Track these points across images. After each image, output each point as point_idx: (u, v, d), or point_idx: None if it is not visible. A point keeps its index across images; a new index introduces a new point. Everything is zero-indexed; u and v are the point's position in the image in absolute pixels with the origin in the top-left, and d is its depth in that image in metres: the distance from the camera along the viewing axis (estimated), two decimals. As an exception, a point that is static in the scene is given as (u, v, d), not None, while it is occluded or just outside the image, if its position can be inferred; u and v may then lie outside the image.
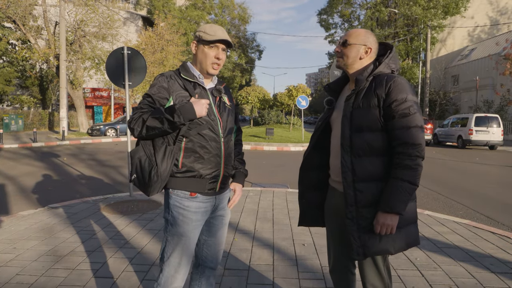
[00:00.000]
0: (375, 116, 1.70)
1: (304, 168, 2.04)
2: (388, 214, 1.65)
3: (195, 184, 1.80)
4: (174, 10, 37.73)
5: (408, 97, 1.67)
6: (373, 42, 1.83)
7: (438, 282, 2.89)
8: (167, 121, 1.65)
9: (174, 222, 1.81)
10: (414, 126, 1.65)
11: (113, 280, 2.87)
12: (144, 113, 1.71)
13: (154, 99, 1.76)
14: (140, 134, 1.72)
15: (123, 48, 5.69)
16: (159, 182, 1.71)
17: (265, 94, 30.71)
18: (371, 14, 33.60)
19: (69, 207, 5.11)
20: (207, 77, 1.90)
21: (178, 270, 1.84)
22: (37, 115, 27.56)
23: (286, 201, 5.68)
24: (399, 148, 1.66)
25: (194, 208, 1.81)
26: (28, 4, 19.96)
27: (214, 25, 1.86)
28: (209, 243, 1.96)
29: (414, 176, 1.63)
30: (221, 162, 1.83)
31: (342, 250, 1.98)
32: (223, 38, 1.80)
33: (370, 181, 1.70)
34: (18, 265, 3.12)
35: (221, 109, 1.88)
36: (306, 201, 2.06)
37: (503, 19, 36.94)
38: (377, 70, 1.77)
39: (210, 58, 1.82)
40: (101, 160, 11.05)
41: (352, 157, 1.72)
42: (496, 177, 8.96)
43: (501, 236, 4.07)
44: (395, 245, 1.71)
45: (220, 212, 1.96)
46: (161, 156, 1.71)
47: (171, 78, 1.82)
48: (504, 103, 25.76)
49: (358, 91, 1.76)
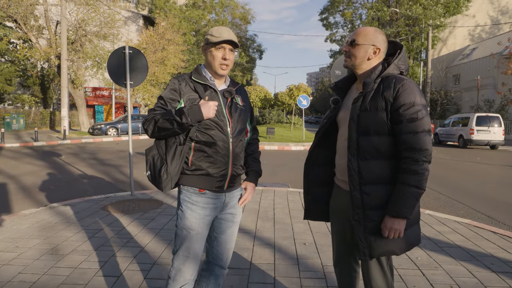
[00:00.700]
0: (382, 120, 1.68)
1: (309, 163, 2.04)
2: (395, 219, 1.66)
3: (204, 182, 1.87)
4: (175, 9, 37.72)
5: (417, 101, 1.65)
6: (382, 41, 1.79)
7: (439, 282, 2.89)
8: (176, 122, 1.74)
9: (183, 216, 1.89)
10: (422, 131, 1.64)
11: (115, 278, 2.88)
12: (156, 114, 1.80)
13: (166, 101, 1.86)
14: (153, 135, 1.82)
15: (124, 47, 5.70)
16: (169, 179, 1.80)
17: (266, 93, 30.71)
18: (373, 13, 33.55)
19: (71, 206, 5.13)
20: (219, 78, 1.96)
21: (186, 264, 1.90)
22: (38, 114, 27.62)
23: (287, 200, 5.68)
24: (406, 153, 1.64)
25: (202, 203, 1.89)
26: (29, 3, 20.00)
27: (221, 27, 1.91)
28: (219, 240, 2.01)
29: (420, 181, 1.63)
30: (229, 162, 1.89)
31: (345, 247, 1.99)
32: (228, 38, 1.85)
33: (377, 184, 1.70)
34: (20, 263, 3.14)
35: (232, 110, 1.93)
36: (312, 197, 2.07)
37: (504, 19, 36.87)
38: (386, 72, 1.74)
39: (218, 59, 1.88)
40: (102, 159, 11.07)
41: (359, 160, 1.72)
42: (497, 177, 8.96)
43: (502, 236, 4.07)
44: (401, 246, 1.72)
45: (231, 210, 2.00)
46: (171, 155, 1.81)
47: (183, 81, 1.90)
48: (505, 103, 25.73)
49: (365, 93, 1.74)
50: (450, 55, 36.49)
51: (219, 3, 43.83)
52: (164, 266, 3.14)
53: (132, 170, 5.94)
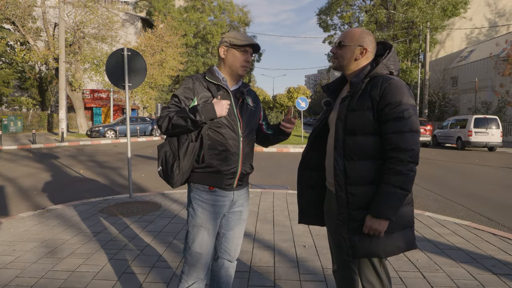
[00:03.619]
0: (368, 119, 1.66)
1: (303, 167, 2.04)
2: (376, 219, 1.63)
3: (214, 179, 1.92)
4: (174, 12, 37.75)
5: (403, 100, 1.62)
6: (369, 42, 1.79)
7: (439, 284, 2.88)
8: (190, 119, 1.79)
9: (194, 214, 1.95)
10: (408, 131, 1.61)
11: (113, 282, 2.85)
12: (171, 112, 1.86)
13: (180, 99, 1.91)
14: (167, 131, 1.86)
15: (123, 49, 5.69)
16: (180, 175, 1.86)
17: (265, 95, 30.75)
18: (370, 16, 33.66)
19: (69, 208, 5.09)
20: (232, 79, 2.03)
21: (200, 260, 1.95)
22: (36, 117, 27.52)
23: (286, 202, 5.67)
24: (392, 152, 1.62)
25: (212, 201, 1.94)
26: (27, 5, 19.96)
27: (241, 32, 2.03)
28: (227, 237, 2.07)
29: (405, 182, 1.60)
30: (239, 160, 1.94)
31: (340, 251, 1.97)
32: (253, 42, 1.96)
33: (362, 184, 1.69)
34: (17, 267, 3.11)
35: (243, 110, 2.00)
36: (305, 200, 2.06)
37: (502, 21, 37.05)
38: (374, 72, 1.73)
39: (241, 61, 1.96)
40: (100, 162, 11.02)
41: (345, 160, 1.71)
42: (496, 178, 8.96)
43: (502, 238, 4.06)
44: (386, 249, 1.69)
45: (238, 208, 2.06)
46: (183, 151, 1.86)
47: (197, 80, 1.96)
48: (503, 105, 25.81)
49: (353, 93, 1.74)
50: (448, 57, 36.62)
51: (218, 6, 43.91)
52: (163, 269, 3.11)
53: (131, 172, 5.92)
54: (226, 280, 2.12)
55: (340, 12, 38.82)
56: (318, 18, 40.82)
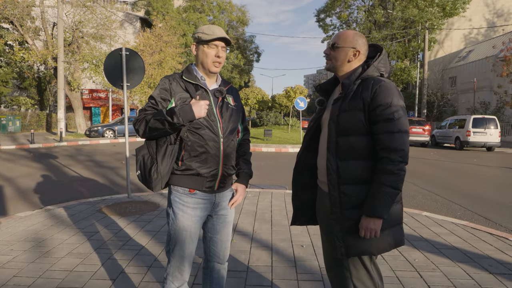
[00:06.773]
0: (360, 120, 1.70)
1: (298, 168, 2.05)
2: (371, 219, 1.67)
3: (194, 182, 1.87)
4: (173, 11, 37.71)
5: (394, 102, 1.66)
6: (362, 44, 1.82)
7: (436, 283, 2.89)
8: (167, 122, 1.73)
9: (175, 217, 1.90)
10: (398, 131, 1.65)
11: (111, 281, 2.86)
12: (148, 114, 1.80)
13: (157, 101, 1.84)
14: (144, 135, 1.82)
15: (121, 49, 5.68)
16: (159, 179, 1.80)
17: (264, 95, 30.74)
18: (369, 15, 33.66)
19: (67, 208, 5.09)
20: (211, 77, 1.95)
21: (183, 262, 1.93)
22: (34, 116, 27.49)
23: (284, 202, 5.67)
24: (382, 153, 1.66)
25: (193, 204, 1.89)
26: (26, 5, 19.92)
27: (212, 25, 1.91)
28: (215, 240, 2.04)
29: (396, 181, 1.64)
30: (220, 162, 1.88)
31: (333, 249, 1.98)
32: (221, 36, 1.85)
33: (355, 184, 1.72)
34: (15, 266, 3.10)
35: (223, 109, 1.92)
36: (300, 201, 2.07)
37: (500, 21, 37.12)
38: (365, 73, 1.77)
39: (211, 57, 1.87)
40: (99, 161, 11.02)
41: (338, 160, 1.73)
42: (494, 178, 8.99)
43: (499, 237, 4.07)
44: (378, 247, 1.73)
45: (222, 212, 2.01)
46: (161, 154, 1.80)
47: (174, 80, 1.89)
48: (501, 105, 25.87)
49: (345, 94, 1.77)
50: (446, 57, 36.68)
51: (217, 6, 43.89)
52: (161, 268, 3.12)
53: (129, 172, 5.92)
54: (219, 282, 2.10)
55: (338, 13, 38.82)
56: (317, 19, 40.84)
